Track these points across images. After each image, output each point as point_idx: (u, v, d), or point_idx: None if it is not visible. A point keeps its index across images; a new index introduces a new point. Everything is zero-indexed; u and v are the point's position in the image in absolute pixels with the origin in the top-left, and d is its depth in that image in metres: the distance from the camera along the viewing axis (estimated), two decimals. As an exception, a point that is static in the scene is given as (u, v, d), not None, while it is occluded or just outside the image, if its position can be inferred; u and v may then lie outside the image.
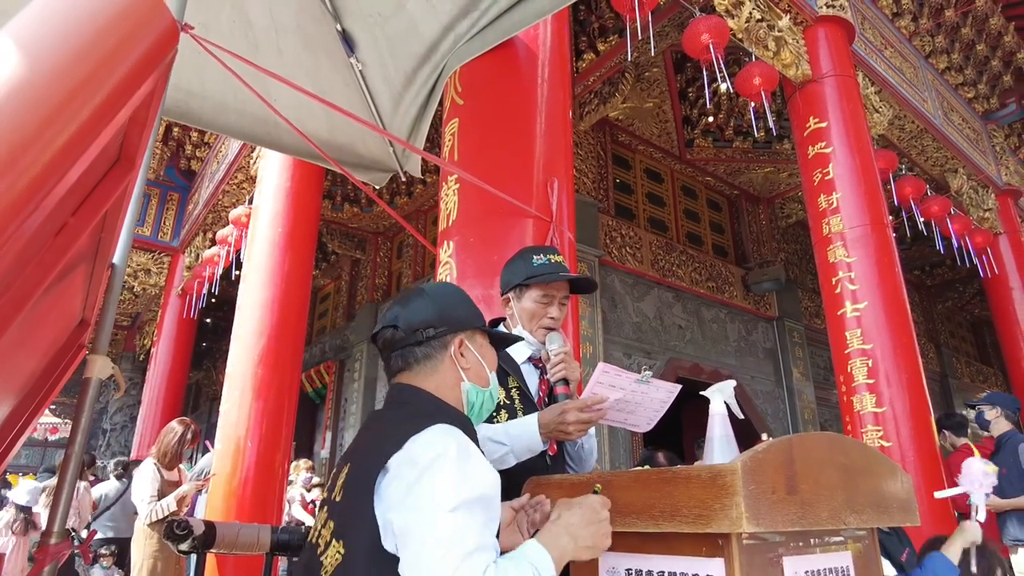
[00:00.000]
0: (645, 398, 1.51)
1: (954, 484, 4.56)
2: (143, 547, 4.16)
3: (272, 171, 5.88)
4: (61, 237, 0.94)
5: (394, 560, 1.06)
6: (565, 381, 1.68)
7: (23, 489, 5.57)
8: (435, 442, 1.09)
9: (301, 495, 6.26)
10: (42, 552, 1.24)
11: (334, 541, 1.12)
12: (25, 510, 5.49)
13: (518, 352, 1.78)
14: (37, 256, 0.85)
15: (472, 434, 1.24)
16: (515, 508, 1.37)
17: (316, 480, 7.00)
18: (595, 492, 1.26)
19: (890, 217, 5.11)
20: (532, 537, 1.18)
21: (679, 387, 1.51)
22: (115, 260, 1.48)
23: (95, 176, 1.00)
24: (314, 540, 1.18)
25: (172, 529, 1.64)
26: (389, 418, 1.22)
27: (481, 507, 1.07)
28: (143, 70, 0.78)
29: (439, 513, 1.03)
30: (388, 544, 1.07)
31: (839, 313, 4.62)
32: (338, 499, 1.16)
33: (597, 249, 7.04)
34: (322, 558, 1.13)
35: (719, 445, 1.32)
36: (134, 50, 0.75)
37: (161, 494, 4.16)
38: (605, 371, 1.45)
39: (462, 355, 1.28)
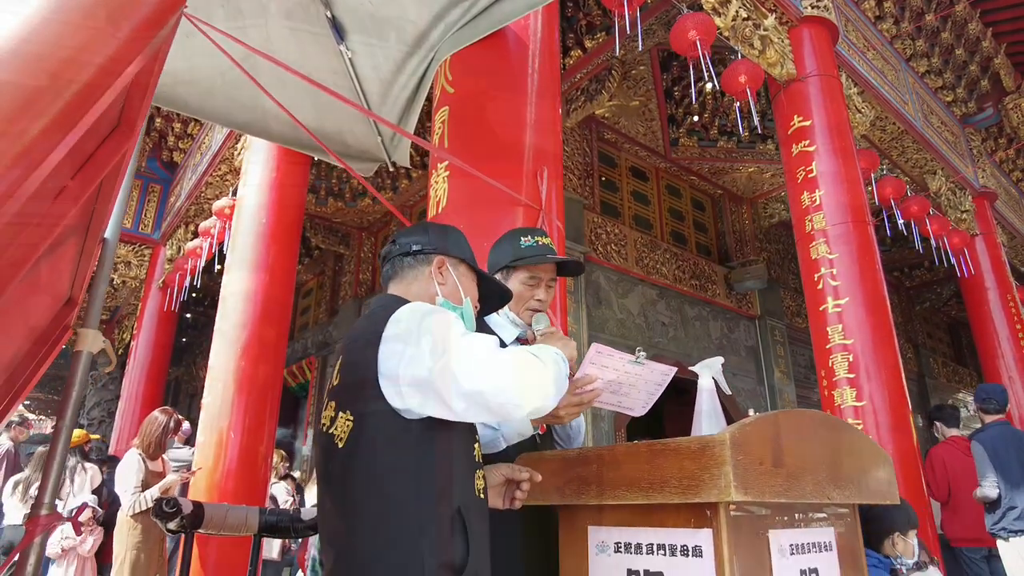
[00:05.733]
0: (639, 380, 1.50)
1: (934, 473, 4.66)
2: (126, 538, 4.12)
3: (257, 162, 5.84)
4: (60, 201, 0.94)
5: (400, 417, 1.20)
6: None
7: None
8: (417, 308, 1.26)
9: (287, 490, 6.20)
10: (32, 524, 1.24)
11: (341, 413, 1.25)
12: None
13: (506, 334, 1.79)
14: (37, 217, 0.85)
15: None
16: (505, 475, 1.41)
17: (297, 475, 6.95)
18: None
19: (871, 218, 5.20)
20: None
21: (674, 369, 1.51)
22: (107, 235, 1.48)
23: (95, 139, 1.01)
24: (324, 427, 1.30)
25: (161, 507, 1.64)
26: (373, 310, 1.35)
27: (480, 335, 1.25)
28: (150, 27, 0.79)
29: (449, 342, 1.18)
30: (395, 402, 1.20)
31: (821, 309, 4.69)
32: (336, 382, 1.31)
33: (583, 246, 7.07)
34: (332, 431, 1.26)
35: (707, 418, 1.34)
36: (141, 6, 0.76)
37: (145, 485, 4.12)
38: (598, 351, 1.44)
39: (440, 273, 1.44)
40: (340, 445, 1.22)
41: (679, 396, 4.69)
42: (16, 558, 1.29)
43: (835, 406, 4.43)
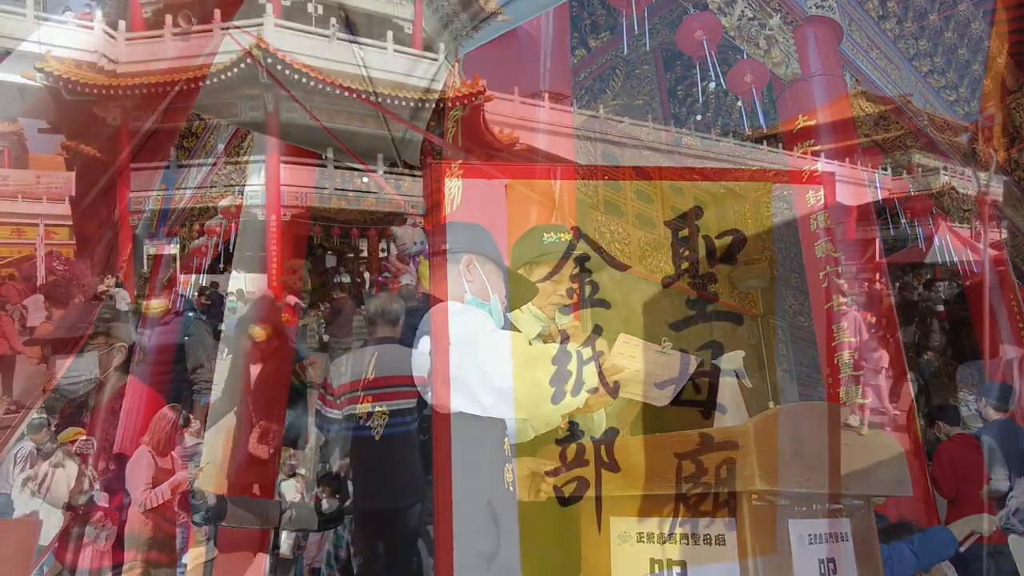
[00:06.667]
0: (664, 371, 1.53)
1: (943, 469, 4.68)
2: (137, 535, 4.13)
3: (262, 162, 5.86)
4: (107, 198, 0.97)
5: (433, 412, 1.26)
6: None
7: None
8: (448, 308, 1.35)
9: (296, 488, 6.19)
10: (72, 512, 1.27)
11: (376, 408, 1.34)
12: None
13: (530, 329, 1.81)
14: (98, 212, 0.88)
15: None
16: (531, 468, 1.45)
17: (303, 471, 6.93)
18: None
19: (874, 216, 5.23)
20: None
21: (698, 360, 1.54)
22: (137, 231, 1.50)
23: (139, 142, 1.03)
24: (361, 421, 1.36)
25: (187, 500, 1.67)
26: (405, 309, 1.46)
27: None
28: (199, 45, 0.82)
29: (479, 340, 1.26)
30: (428, 398, 1.27)
31: (825, 307, 4.71)
32: (371, 378, 1.38)
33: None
34: (368, 424, 1.33)
35: (730, 410, 1.37)
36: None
37: (155, 481, 4.13)
38: (625, 342, 1.47)
39: (469, 271, 1.51)
40: (376, 438, 1.26)
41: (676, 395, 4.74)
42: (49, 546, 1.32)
43: (840, 402, 4.45)
